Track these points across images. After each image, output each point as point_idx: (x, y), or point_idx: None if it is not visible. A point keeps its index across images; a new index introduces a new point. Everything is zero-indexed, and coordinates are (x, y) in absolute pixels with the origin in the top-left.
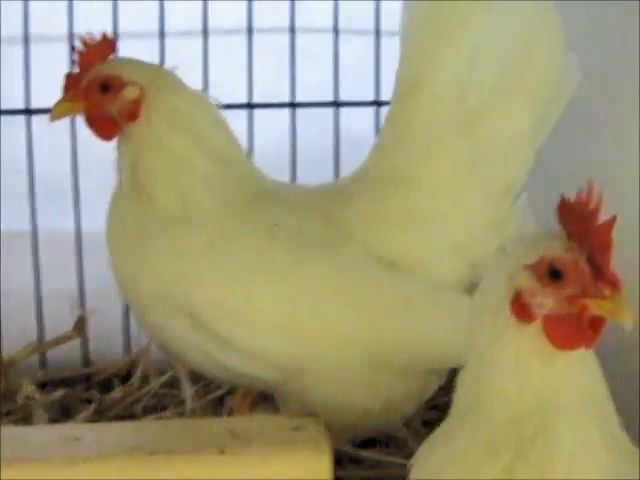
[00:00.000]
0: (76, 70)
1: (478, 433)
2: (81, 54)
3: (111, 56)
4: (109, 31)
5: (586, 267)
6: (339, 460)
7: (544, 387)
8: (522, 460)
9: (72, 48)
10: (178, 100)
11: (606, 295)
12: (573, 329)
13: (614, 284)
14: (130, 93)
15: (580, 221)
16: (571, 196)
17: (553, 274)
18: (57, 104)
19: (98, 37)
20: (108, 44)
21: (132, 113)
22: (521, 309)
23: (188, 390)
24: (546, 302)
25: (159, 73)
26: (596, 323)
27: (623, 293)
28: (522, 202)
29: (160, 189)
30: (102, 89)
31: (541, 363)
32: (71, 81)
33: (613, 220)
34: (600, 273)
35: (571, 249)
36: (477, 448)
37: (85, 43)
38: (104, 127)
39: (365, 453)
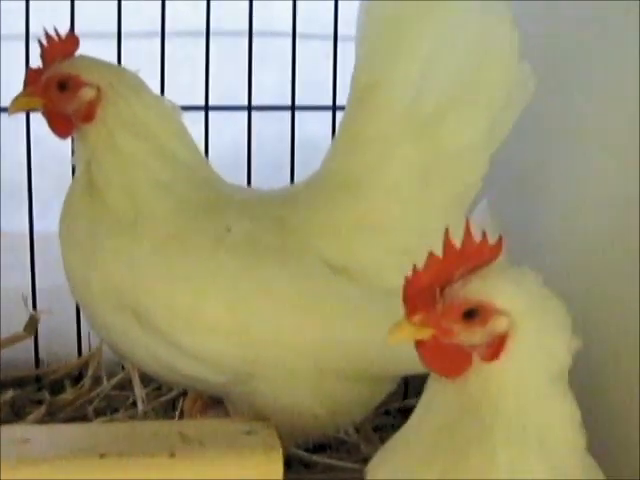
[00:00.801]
0: (38, 65)
1: (416, 441)
2: (44, 49)
3: (74, 54)
4: (67, 29)
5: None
6: (290, 464)
7: (473, 401)
8: (457, 469)
9: (27, 46)
10: (136, 105)
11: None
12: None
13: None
14: (87, 94)
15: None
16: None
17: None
18: (16, 98)
19: (63, 34)
20: (72, 41)
21: (88, 114)
22: None
23: (140, 392)
24: None
25: (119, 76)
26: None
27: (418, 317)
28: (482, 207)
29: (112, 191)
30: (60, 87)
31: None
32: (32, 76)
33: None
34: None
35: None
36: (414, 457)
37: (49, 39)
38: (60, 125)
39: (316, 457)
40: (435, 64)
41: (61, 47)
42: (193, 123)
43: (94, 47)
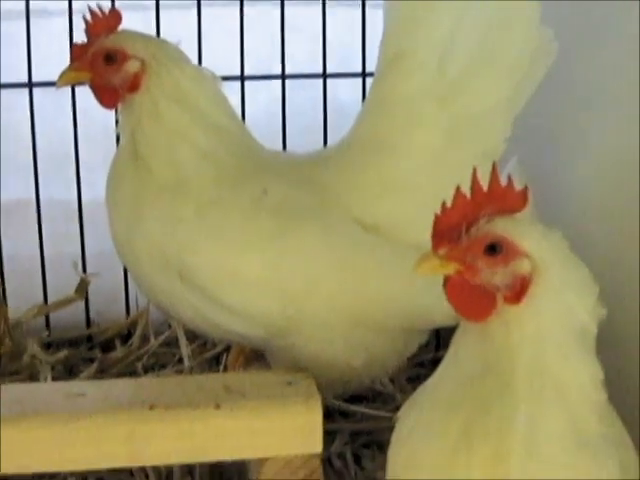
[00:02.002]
0: (83, 41)
1: (442, 391)
2: (88, 25)
3: (117, 28)
4: (107, 4)
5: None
6: (329, 414)
7: (496, 352)
8: (479, 420)
9: (70, 22)
10: (178, 75)
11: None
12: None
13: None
14: (132, 66)
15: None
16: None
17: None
18: (63, 72)
19: (105, 9)
20: (115, 16)
21: (133, 85)
22: None
23: (185, 349)
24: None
25: (161, 48)
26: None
27: (444, 250)
28: (512, 165)
29: (155, 158)
30: (106, 60)
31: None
32: (78, 51)
33: None
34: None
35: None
36: (440, 407)
37: (93, 14)
38: (107, 96)
39: (354, 407)
40: (459, 31)
41: (105, 22)
42: (230, 92)
43: (133, 19)
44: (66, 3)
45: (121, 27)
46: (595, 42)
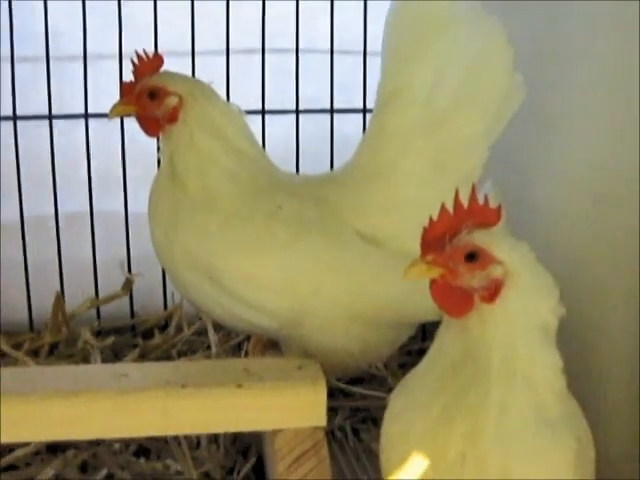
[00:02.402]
0: (131, 79)
1: (428, 376)
2: (135, 66)
3: (160, 69)
4: (151, 50)
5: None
6: (332, 393)
7: (473, 343)
8: (459, 401)
9: (120, 64)
10: (210, 109)
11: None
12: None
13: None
14: (172, 101)
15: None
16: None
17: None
18: (114, 106)
19: (150, 54)
20: (158, 59)
21: (172, 117)
22: None
23: (213, 338)
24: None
25: (196, 86)
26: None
27: (431, 257)
28: (488, 187)
29: (190, 178)
30: (150, 96)
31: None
32: (126, 88)
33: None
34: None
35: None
36: (426, 389)
37: (139, 58)
38: (150, 126)
39: (353, 388)
40: (445, 74)
41: (149, 64)
42: (252, 123)
43: (173, 63)
44: (117, 48)
45: (163, 68)
46: (561, 69)
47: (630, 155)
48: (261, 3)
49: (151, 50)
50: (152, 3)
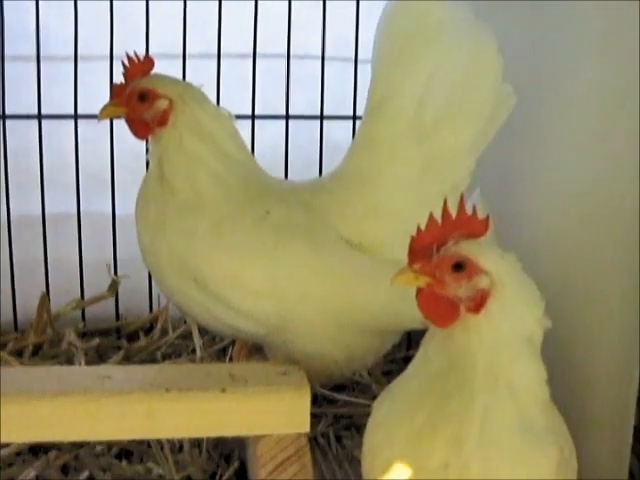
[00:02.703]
0: (121, 81)
1: (412, 384)
2: (126, 68)
3: (150, 72)
4: (143, 52)
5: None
6: (316, 400)
7: (458, 352)
8: (443, 408)
9: (111, 65)
10: (200, 113)
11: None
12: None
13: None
14: (162, 104)
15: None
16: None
17: None
18: (104, 107)
19: (141, 56)
20: (148, 62)
21: (162, 120)
22: None
23: (198, 341)
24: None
25: (186, 89)
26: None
27: (418, 266)
28: (476, 197)
29: (178, 181)
30: (140, 99)
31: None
32: (117, 90)
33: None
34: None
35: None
36: (411, 397)
37: (130, 60)
38: (140, 129)
39: (337, 395)
40: (434, 83)
41: (140, 67)
42: (241, 129)
43: (163, 66)
44: (108, 49)
45: (154, 71)
46: (550, 81)
47: (618, 169)
48: (253, 8)
49: (142, 52)
50: (144, 5)
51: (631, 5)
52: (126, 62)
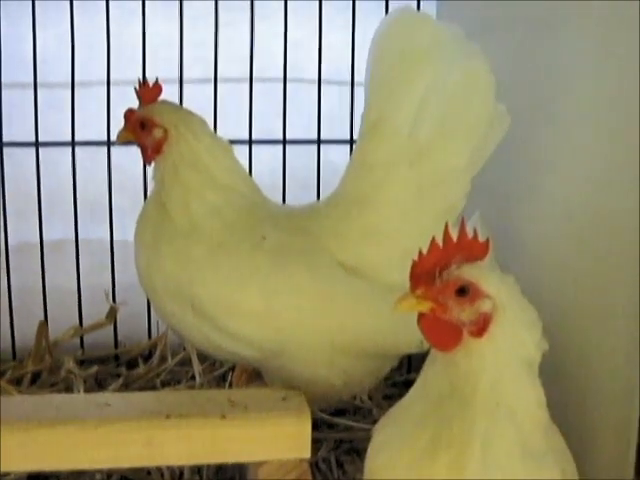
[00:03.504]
0: (131, 108)
1: (413, 409)
2: (138, 93)
3: (156, 99)
4: (139, 78)
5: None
6: (317, 425)
7: (459, 377)
8: (444, 433)
9: (108, 91)
10: (195, 144)
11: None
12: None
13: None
14: (157, 133)
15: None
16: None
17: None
18: (120, 132)
19: (150, 83)
20: (156, 88)
21: (157, 148)
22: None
23: (197, 368)
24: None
25: (184, 119)
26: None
27: (421, 291)
28: (475, 219)
29: (174, 209)
30: (141, 126)
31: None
32: (127, 115)
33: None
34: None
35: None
36: (411, 422)
37: (144, 84)
38: (145, 154)
39: (338, 419)
40: (428, 104)
41: (146, 93)
42: (238, 153)
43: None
44: (104, 75)
45: (162, 99)
46: (547, 102)
47: (617, 190)
48: (249, 33)
49: (140, 78)
50: (141, 31)
51: (631, 5)
52: (137, 87)
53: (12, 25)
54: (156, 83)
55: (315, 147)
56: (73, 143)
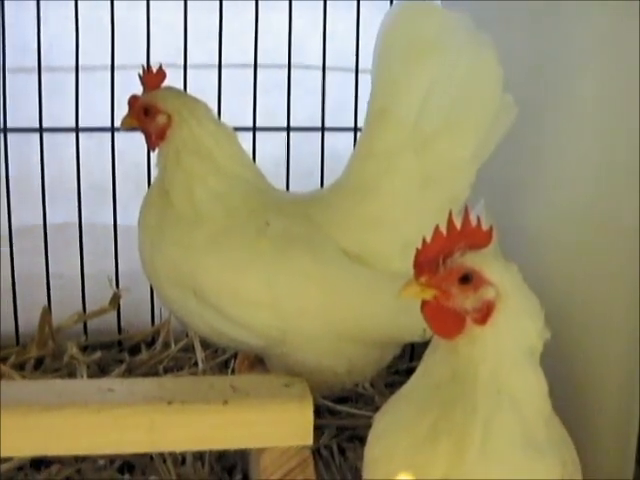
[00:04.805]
0: (135, 94)
1: (414, 396)
2: (143, 80)
3: (160, 85)
4: (143, 64)
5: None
6: (319, 412)
7: (461, 364)
8: (444, 420)
9: (112, 77)
10: (198, 130)
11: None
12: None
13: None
14: (161, 119)
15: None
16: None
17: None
18: (123, 119)
19: (154, 69)
20: (160, 74)
21: (161, 135)
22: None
23: (200, 354)
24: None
25: (187, 105)
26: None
27: (425, 279)
28: (479, 208)
29: (177, 196)
30: (145, 113)
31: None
32: (131, 102)
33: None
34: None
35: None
36: (412, 409)
37: (147, 71)
38: (149, 140)
39: (340, 407)
40: (434, 93)
41: (150, 79)
42: (243, 140)
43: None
44: (109, 61)
45: (166, 85)
46: (552, 92)
47: (619, 181)
48: (254, 19)
49: (144, 63)
50: (145, 16)
51: (631, 5)
52: (141, 73)
53: (17, 10)
54: (160, 69)
55: (319, 134)
56: (77, 129)
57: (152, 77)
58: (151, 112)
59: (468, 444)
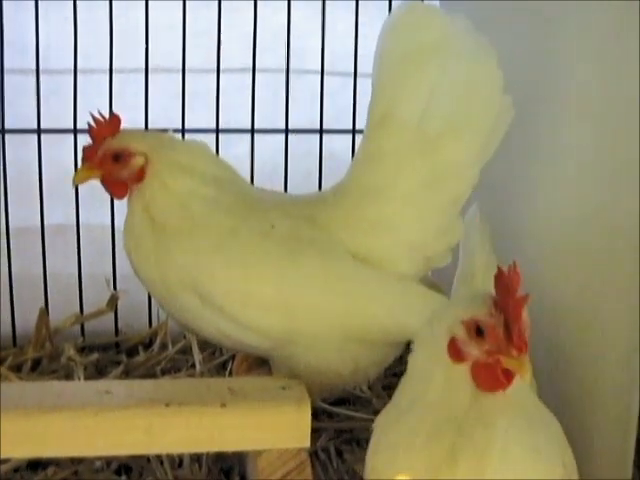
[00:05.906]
0: (89, 143)
1: (424, 419)
2: (92, 129)
3: (118, 130)
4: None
5: (501, 331)
6: (317, 414)
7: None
8: (464, 438)
9: (111, 78)
10: (174, 155)
11: (514, 355)
12: (491, 376)
13: (520, 349)
14: (137, 161)
15: (503, 293)
16: (504, 270)
17: (478, 331)
18: (78, 171)
19: (106, 115)
20: (115, 120)
21: (138, 177)
22: (454, 351)
23: (198, 356)
24: (472, 351)
25: (156, 140)
26: (508, 373)
27: (526, 355)
28: (473, 210)
29: (171, 219)
30: (114, 159)
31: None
32: (87, 153)
33: (526, 297)
34: (511, 338)
35: (494, 315)
36: (425, 431)
37: (96, 120)
38: (117, 189)
39: (337, 409)
40: (436, 96)
41: (107, 126)
42: (242, 142)
43: (163, 80)
44: (107, 62)
45: (124, 128)
46: (548, 100)
47: (619, 181)
48: (252, 22)
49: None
50: (144, 18)
51: (631, 5)
52: (92, 123)
53: (15, 11)
54: (113, 114)
55: (317, 137)
56: (75, 130)
57: (107, 125)
58: (124, 157)
59: (488, 458)
